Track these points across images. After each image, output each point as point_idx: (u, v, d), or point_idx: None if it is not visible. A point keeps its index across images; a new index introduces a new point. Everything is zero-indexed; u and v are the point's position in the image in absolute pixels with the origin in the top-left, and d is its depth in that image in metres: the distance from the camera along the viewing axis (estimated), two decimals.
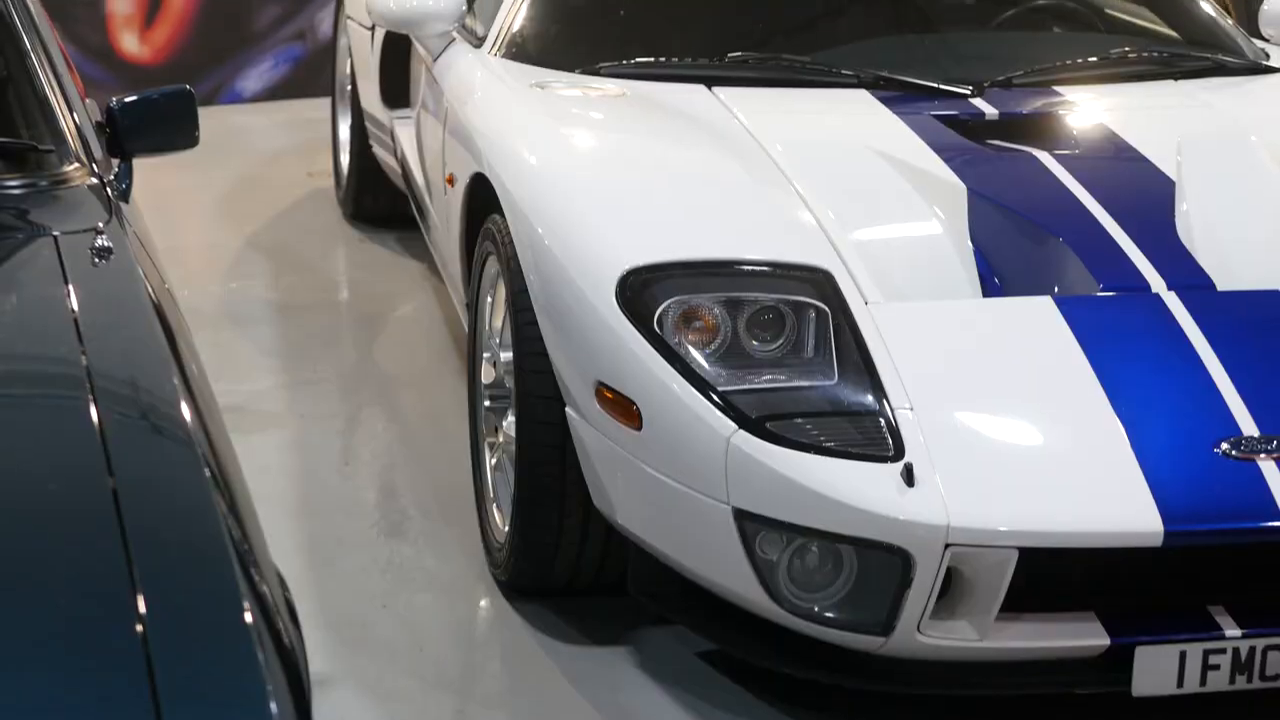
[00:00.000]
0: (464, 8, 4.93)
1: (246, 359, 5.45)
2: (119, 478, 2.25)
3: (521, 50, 4.68)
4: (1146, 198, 3.86)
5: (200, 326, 5.24)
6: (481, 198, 4.25)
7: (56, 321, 2.73)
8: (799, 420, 3.26)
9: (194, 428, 2.42)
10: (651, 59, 4.53)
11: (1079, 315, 3.46)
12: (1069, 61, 4.60)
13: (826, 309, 3.41)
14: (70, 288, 2.83)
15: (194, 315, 3.79)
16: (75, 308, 2.76)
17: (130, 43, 8.25)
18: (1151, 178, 3.94)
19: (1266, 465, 3.19)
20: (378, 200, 6.52)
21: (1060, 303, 3.49)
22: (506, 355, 3.96)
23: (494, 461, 4.12)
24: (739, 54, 4.54)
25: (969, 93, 4.34)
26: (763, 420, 3.25)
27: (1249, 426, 3.24)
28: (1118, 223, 3.71)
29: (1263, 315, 3.54)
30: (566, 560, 3.80)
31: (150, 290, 2.91)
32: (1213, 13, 4.99)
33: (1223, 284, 3.58)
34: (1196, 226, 3.73)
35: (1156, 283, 3.55)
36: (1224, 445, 3.21)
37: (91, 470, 2.27)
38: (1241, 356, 3.38)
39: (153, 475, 2.31)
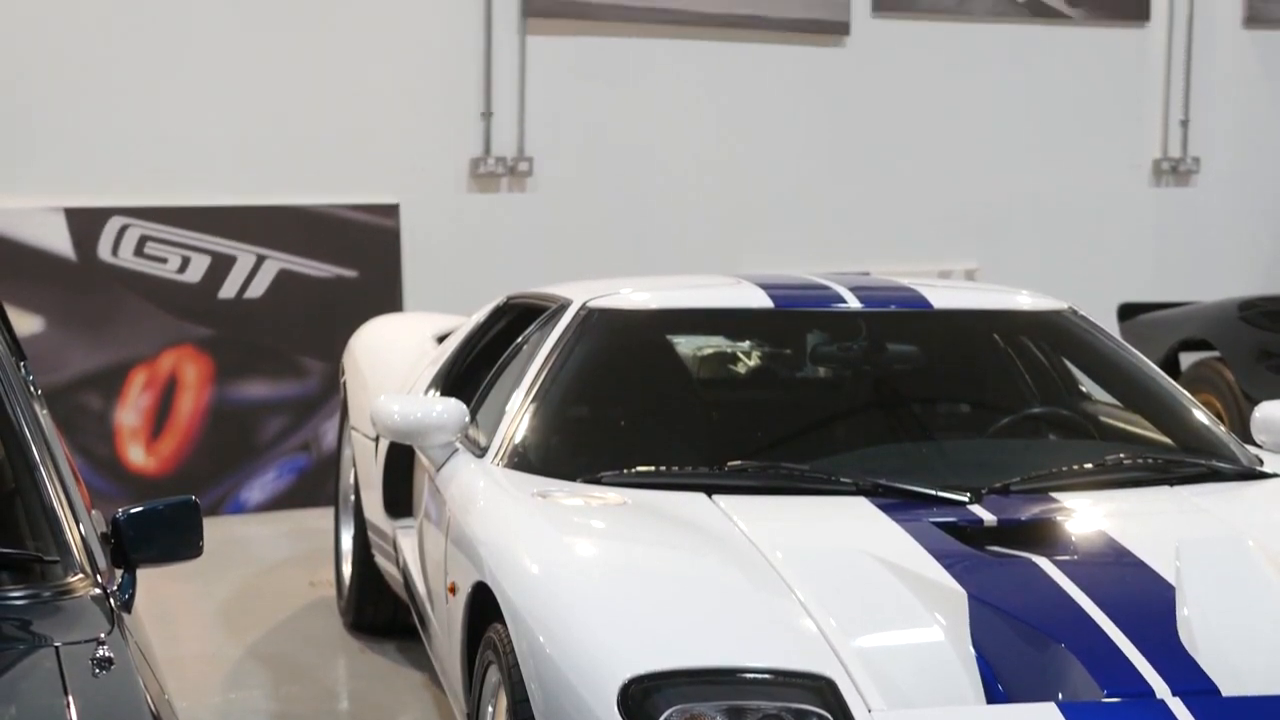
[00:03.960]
0: (467, 419, 5.00)
1: None
2: None
3: (524, 460, 4.74)
4: (1147, 603, 3.87)
5: None
6: (483, 607, 4.25)
7: None
8: None
9: None
10: (652, 468, 4.58)
11: None
12: (1065, 468, 4.65)
13: (830, 717, 3.39)
14: (70, 698, 2.82)
15: None
16: (75, 719, 2.75)
17: (137, 454, 8.34)
18: (1151, 583, 3.95)
19: None
20: (379, 609, 6.51)
21: (1065, 709, 3.47)
22: None
23: None
24: (738, 463, 4.60)
25: (967, 499, 4.38)
26: None
27: None
28: (1119, 628, 3.71)
29: None
30: None
31: (150, 701, 2.90)
32: (1206, 420, 5.06)
33: (1227, 689, 3.56)
34: (1198, 632, 3.73)
35: (1161, 688, 3.53)
36: None
37: None
38: None
39: None
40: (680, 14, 9.12)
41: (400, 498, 5.95)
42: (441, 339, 6.59)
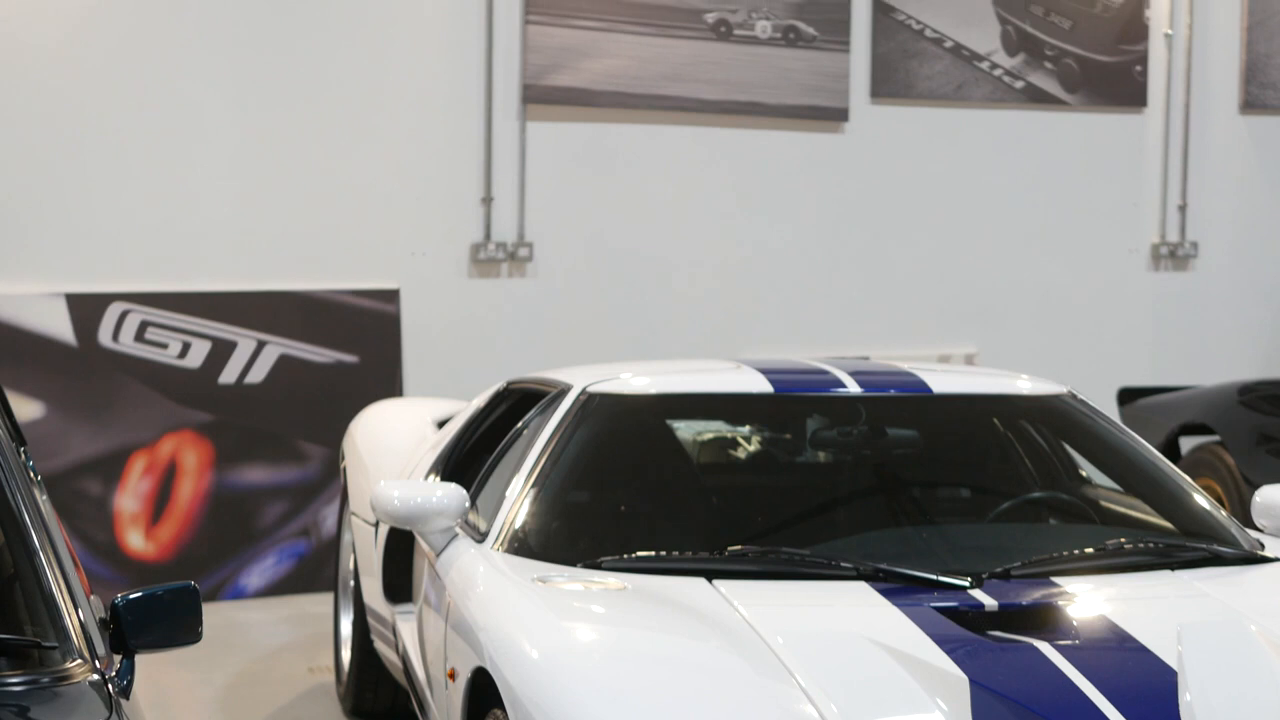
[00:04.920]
0: (467, 504, 5.00)
1: None
2: None
3: (524, 545, 4.73)
4: (1149, 687, 3.86)
5: None
6: (483, 692, 4.23)
7: None
8: None
9: None
10: (652, 553, 4.57)
11: None
12: (1066, 553, 4.65)
13: None
14: None
15: None
16: None
17: (136, 540, 8.33)
18: (1153, 667, 3.94)
19: None
20: (379, 695, 6.49)
21: None
22: None
23: None
24: (738, 547, 4.59)
25: (968, 584, 4.37)
26: None
27: None
28: (1121, 713, 3.70)
29: None
30: None
31: None
32: (1206, 504, 5.06)
33: None
34: (1200, 716, 3.72)
35: None
36: None
37: None
38: None
39: None
40: (679, 101, 9.17)
41: (400, 583, 5.94)
42: (441, 424, 6.59)
